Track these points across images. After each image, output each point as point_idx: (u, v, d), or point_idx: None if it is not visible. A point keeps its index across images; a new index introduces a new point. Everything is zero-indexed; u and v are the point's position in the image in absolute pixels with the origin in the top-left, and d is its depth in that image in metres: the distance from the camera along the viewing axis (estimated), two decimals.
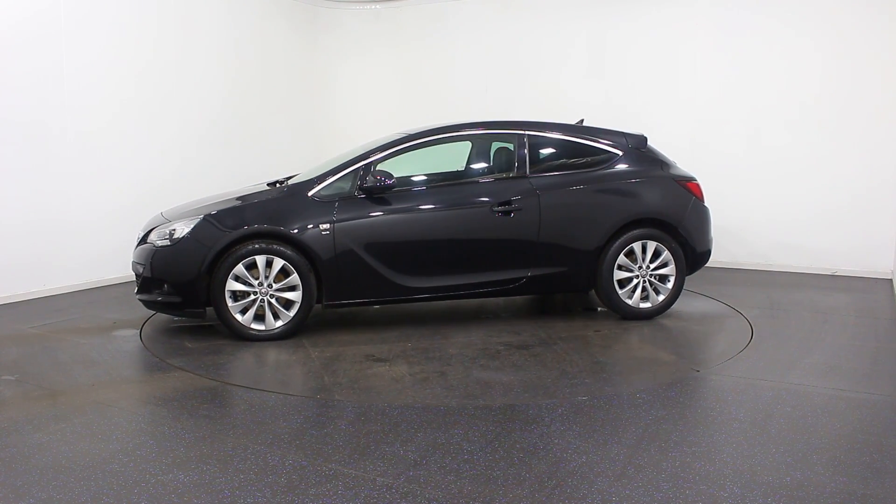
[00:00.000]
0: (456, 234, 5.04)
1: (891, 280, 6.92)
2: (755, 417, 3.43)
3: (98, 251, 6.71)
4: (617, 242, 5.19)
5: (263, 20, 8.61)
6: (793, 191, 7.46)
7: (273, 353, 4.60)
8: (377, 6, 9.37)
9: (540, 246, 5.11)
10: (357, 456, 2.98)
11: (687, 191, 5.39)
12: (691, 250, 5.38)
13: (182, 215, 5.01)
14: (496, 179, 5.36)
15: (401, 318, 5.51)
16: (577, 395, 3.73)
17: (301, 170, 6.09)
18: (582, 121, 5.81)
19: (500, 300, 6.06)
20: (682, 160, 6.16)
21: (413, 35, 9.25)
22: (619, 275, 5.22)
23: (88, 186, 6.59)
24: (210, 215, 4.82)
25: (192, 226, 4.79)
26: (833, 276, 7.23)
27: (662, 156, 5.56)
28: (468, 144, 5.74)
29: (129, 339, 4.90)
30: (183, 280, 4.74)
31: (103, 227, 6.73)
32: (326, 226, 4.81)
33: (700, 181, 5.57)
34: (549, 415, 3.44)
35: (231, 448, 3.05)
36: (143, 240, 5.04)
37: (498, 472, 2.82)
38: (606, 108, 7.88)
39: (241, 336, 4.78)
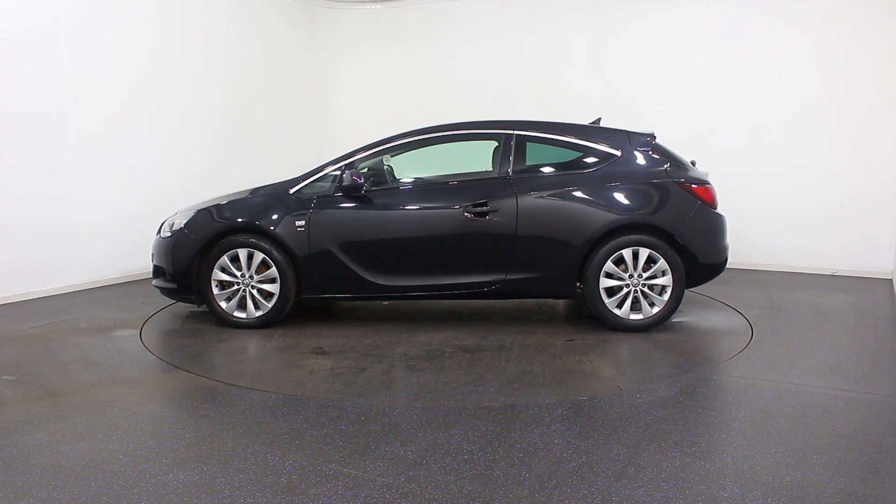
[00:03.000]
0: (428, 234, 4.99)
1: (891, 280, 6.92)
2: (755, 417, 3.43)
3: (98, 251, 6.71)
4: (603, 249, 4.85)
5: (263, 20, 8.61)
6: (793, 190, 7.46)
7: (235, 340, 4.83)
8: (377, 6, 9.37)
9: (517, 250, 4.89)
10: (357, 456, 2.97)
11: (691, 195, 4.90)
12: (694, 260, 4.93)
13: (185, 210, 5.37)
14: (476, 180, 5.19)
15: (394, 314, 5.52)
16: (465, 403, 3.58)
17: (303, 170, 6.10)
18: (598, 120, 5.62)
19: (510, 302, 5.98)
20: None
21: (413, 35, 9.24)
22: (607, 283, 4.88)
23: (88, 187, 6.59)
24: (201, 210, 5.18)
25: (187, 219, 5.16)
26: (833, 276, 7.23)
27: (673, 156, 5.13)
28: (458, 145, 5.59)
29: (128, 339, 4.90)
30: (177, 269, 5.11)
31: (103, 228, 6.74)
32: (301, 222, 4.97)
33: (713, 185, 5.06)
34: (549, 415, 3.44)
35: (231, 448, 3.05)
36: (159, 231, 5.42)
37: (498, 472, 2.82)
38: (610, 109, 7.86)
39: (226, 322, 5.09)
